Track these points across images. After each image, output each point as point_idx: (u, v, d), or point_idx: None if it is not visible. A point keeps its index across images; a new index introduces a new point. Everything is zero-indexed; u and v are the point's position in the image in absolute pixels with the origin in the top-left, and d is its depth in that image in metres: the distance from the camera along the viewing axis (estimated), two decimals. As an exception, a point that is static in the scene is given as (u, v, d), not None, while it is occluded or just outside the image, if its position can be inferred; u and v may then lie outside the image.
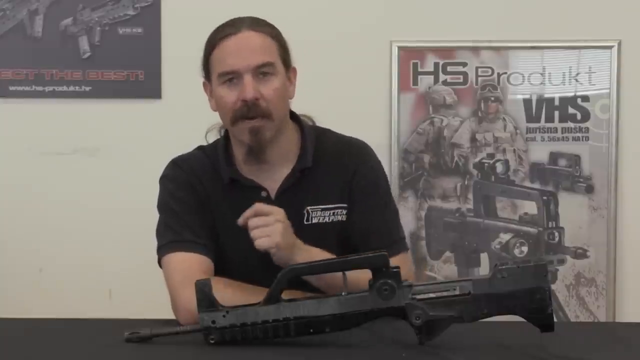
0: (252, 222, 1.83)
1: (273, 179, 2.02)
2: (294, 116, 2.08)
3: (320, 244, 1.96)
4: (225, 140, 2.06)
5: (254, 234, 1.82)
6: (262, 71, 1.94)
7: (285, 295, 1.63)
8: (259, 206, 1.85)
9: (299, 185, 2.01)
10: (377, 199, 2.06)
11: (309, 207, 2.01)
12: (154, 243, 2.03)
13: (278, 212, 1.84)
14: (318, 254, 1.85)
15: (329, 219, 2.02)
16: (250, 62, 1.93)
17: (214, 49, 1.97)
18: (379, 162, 2.12)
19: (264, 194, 2.01)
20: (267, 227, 1.82)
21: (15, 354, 1.61)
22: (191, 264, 1.93)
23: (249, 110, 1.93)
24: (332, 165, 2.04)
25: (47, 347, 1.67)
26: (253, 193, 2.01)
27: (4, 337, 1.74)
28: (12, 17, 3.30)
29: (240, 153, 2.02)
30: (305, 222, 2.00)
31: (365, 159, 2.08)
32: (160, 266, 2.00)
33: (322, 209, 2.01)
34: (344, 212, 2.02)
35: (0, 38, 3.31)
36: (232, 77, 1.94)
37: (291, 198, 2.00)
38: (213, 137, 2.11)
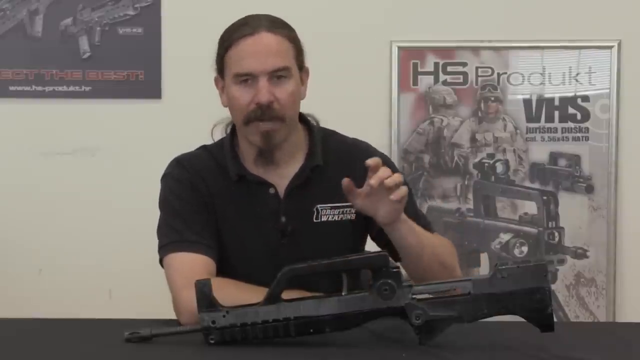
0: (389, 181, 1.80)
1: (281, 176, 2.02)
2: (300, 116, 2.08)
3: (330, 242, 1.99)
4: (231, 137, 2.06)
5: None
6: (277, 74, 1.94)
7: (285, 295, 1.63)
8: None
9: (309, 183, 2.02)
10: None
11: (318, 205, 2.02)
12: (154, 243, 2.02)
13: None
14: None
15: (338, 217, 2.03)
16: (266, 66, 1.92)
17: (230, 48, 1.95)
18: (386, 156, 2.16)
19: (272, 190, 2.01)
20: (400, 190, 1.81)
21: (15, 354, 1.61)
22: (193, 265, 1.92)
23: (263, 114, 1.93)
24: (342, 165, 2.04)
25: (47, 347, 1.66)
26: (261, 189, 2.01)
27: (4, 337, 1.74)
28: (12, 17, 3.30)
29: (248, 151, 2.02)
30: (315, 220, 2.02)
31: (376, 154, 2.09)
32: (162, 265, 1.99)
33: (332, 207, 2.03)
34: (353, 210, 2.02)
35: (0, 38, 3.31)
36: (247, 79, 1.94)
37: (300, 195, 2.01)
38: (219, 133, 2.11)
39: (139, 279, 3.04)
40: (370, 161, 1.80)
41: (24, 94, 3.31)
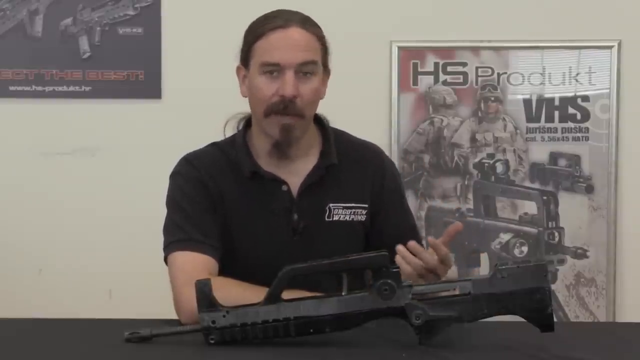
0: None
1: (294, 173, 2.02)
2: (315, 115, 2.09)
3: (341, 241, 2.00)
4: (244, 132, 2.06)
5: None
6: (304, 70, 1.94)
7: (285, 295, 1.63)
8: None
9: (322, 182, 2.03)
10: (403, 200, 2.15)
11: (331, 204, 2.02)
12: (154, 243, 2.02)
13: None
14: None
15: (349, 218, 2.04)
16: (295, 59, 1.93)
17: (260, 38, 1.95)
18: (393, 164, 2.21)
19: (284, 187, 2.01)
20: None
21: (15, 354, 1.61)
22: (196, 264, 1.92)
23: (285, 107, 1.93)
24: (354, 166, 2.06)
25: (47, 347, 1.67)
26: (274, 187, 2.01)
27: (4, 337, 1.74)
28: (12, 17, 3.30)
29: (264, 145, 2.02)
30: (327, 219, 2.02)
31: (387, 162, 2.14)
32: (167, 264, 1.99)
33: (344, 207, 2.03)
34: (364, 212, 2.05)
35: (0, 38, 3.31)
36: (273, 70, 1.94)
37: (314, 193, 2.02)
38: (231, 129, 2.10)
39: (139, 279, 3.04)
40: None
41: (24, 94, 3.31)
